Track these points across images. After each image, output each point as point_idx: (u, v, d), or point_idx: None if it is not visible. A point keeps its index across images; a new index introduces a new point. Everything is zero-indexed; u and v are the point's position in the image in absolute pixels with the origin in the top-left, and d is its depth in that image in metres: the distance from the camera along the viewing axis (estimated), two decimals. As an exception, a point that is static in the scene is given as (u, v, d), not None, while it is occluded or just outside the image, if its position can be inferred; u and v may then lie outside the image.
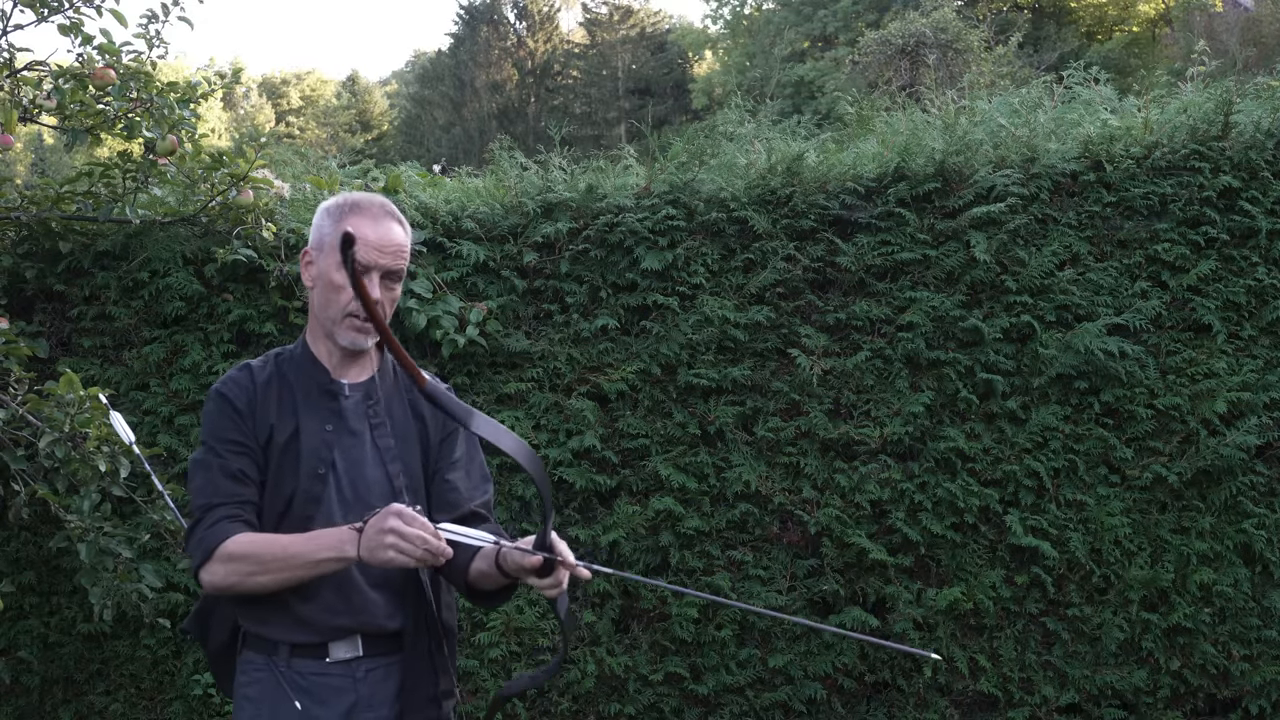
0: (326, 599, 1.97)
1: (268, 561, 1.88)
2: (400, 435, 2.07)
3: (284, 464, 1.99)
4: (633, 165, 4.33)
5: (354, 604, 1.98)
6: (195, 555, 1.94)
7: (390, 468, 2.03)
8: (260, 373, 2.05)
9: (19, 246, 3.96)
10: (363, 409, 2.06)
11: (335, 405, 2.04)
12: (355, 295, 1.83)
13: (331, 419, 2.03)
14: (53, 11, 3.77)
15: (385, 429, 2.06)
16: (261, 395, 2.02)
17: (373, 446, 2.04)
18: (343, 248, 1.74)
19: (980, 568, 3.87)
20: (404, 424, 2.08)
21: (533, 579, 1.83)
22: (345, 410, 2.05)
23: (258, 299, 3.93)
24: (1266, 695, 3.85)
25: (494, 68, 36.75)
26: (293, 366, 2.07)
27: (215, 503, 1.95)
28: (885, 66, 16.49)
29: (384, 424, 2.06)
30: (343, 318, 2.01)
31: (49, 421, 3.36)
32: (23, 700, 3.94)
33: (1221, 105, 3.98)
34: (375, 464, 2.03)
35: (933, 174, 3.96)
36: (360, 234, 1.96)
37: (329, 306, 2.02)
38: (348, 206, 2.03)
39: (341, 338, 2.02)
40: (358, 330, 2.01)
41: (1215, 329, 3.88)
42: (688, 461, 3.91)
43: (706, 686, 3.88)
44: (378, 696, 2.00)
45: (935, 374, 3.91)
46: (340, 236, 1.76)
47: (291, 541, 1.89)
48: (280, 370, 2.06)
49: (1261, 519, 3.83)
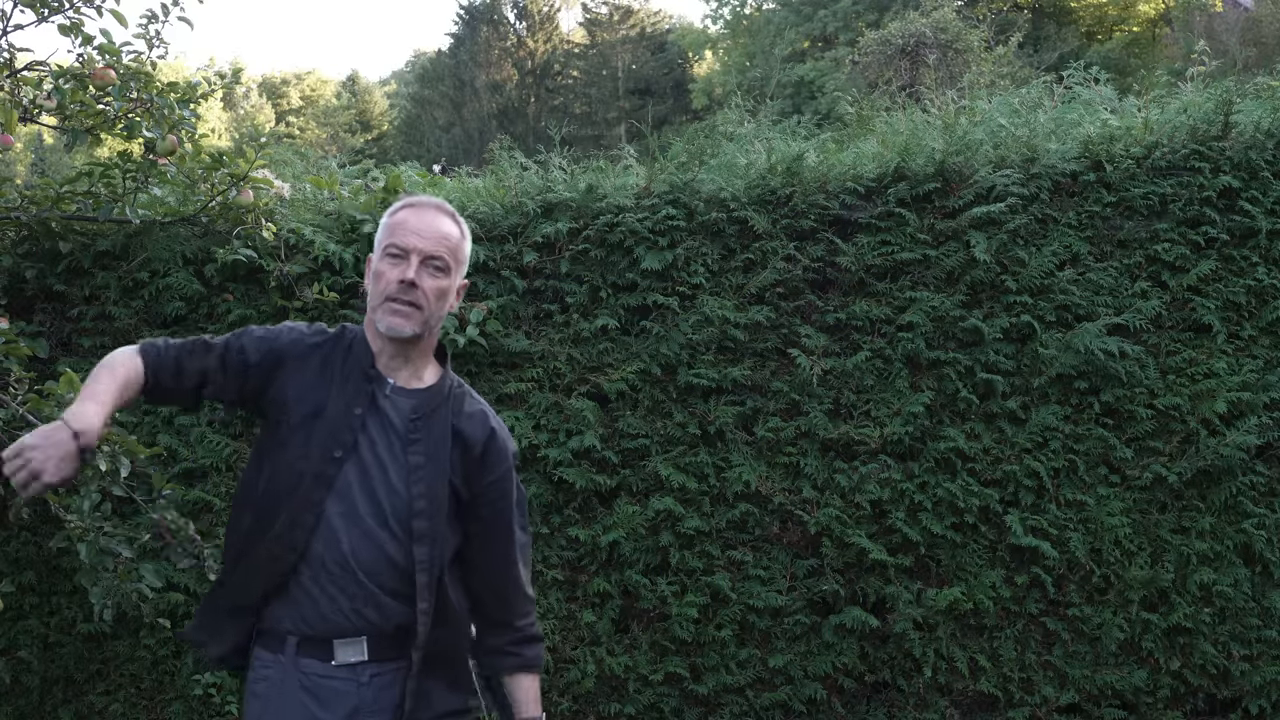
0: (331, 594, 1.96)
1: (92, 376, 1.96)
2: (432, 456, 2.02)
3: (301, 441, 1.98)
4: (633, 165, 4.33)
5: (358, 602, 1.97)
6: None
7: (414, 488, 2.00)
8: (317, 336, 2.09)
9: (19, 246, 3.96)
10: (405, 418, 2.03)
11: (370, 391, 2.02)
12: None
13: (362, 404, 2.01)
14: (53, 11, 3.77)
15: (420, 446, 2.02)
16: (305, 360, 2.05)
17: (403, 457, 2.01)
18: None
19: (980, 568, 3.87)
20: (441, 445, 2.04)
21: None
22: (382, 406, 2.02)
23: (258, 299, 3.93)
24: (1266, 695, 3.85)
25: (494, 68, 36.77)
26: (350, 345, 2.08)
27: (167, 342, 2.05)
28: (885, 66, 16.49)
29: (421, 441, 2.02)
30: (382, 301, 2.01)
31: (49, 421, 3.36)
32: (23, 700, 3.94)
33: (1221, 105, 3.98)
34: (399, 475, 2.00)
35: (933, 174, 3.96)
36: (402, 220, 2.05)
37: (373, 295, 2.05)
38: (401, 204, 2.11)
39: (380, 323, 2.02)
40: (394, 313, 2.00)
41: (1215, 329, 3.88)
42: (688, 461, 3.91)
43: (706, 686, 3.88)
44: (380, 703, 1.99)
45: (935, 374, 3.91)
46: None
47: (88, 386, 1.93)
48: (337, 345, 2.08)
49: (1261, 519, 3.83)
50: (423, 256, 2.01)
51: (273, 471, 2.00)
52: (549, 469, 3.91)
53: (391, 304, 2.00)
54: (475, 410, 2.11)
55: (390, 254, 2.02)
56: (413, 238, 2.02)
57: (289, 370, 2.03)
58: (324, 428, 1.98)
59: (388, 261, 2.02)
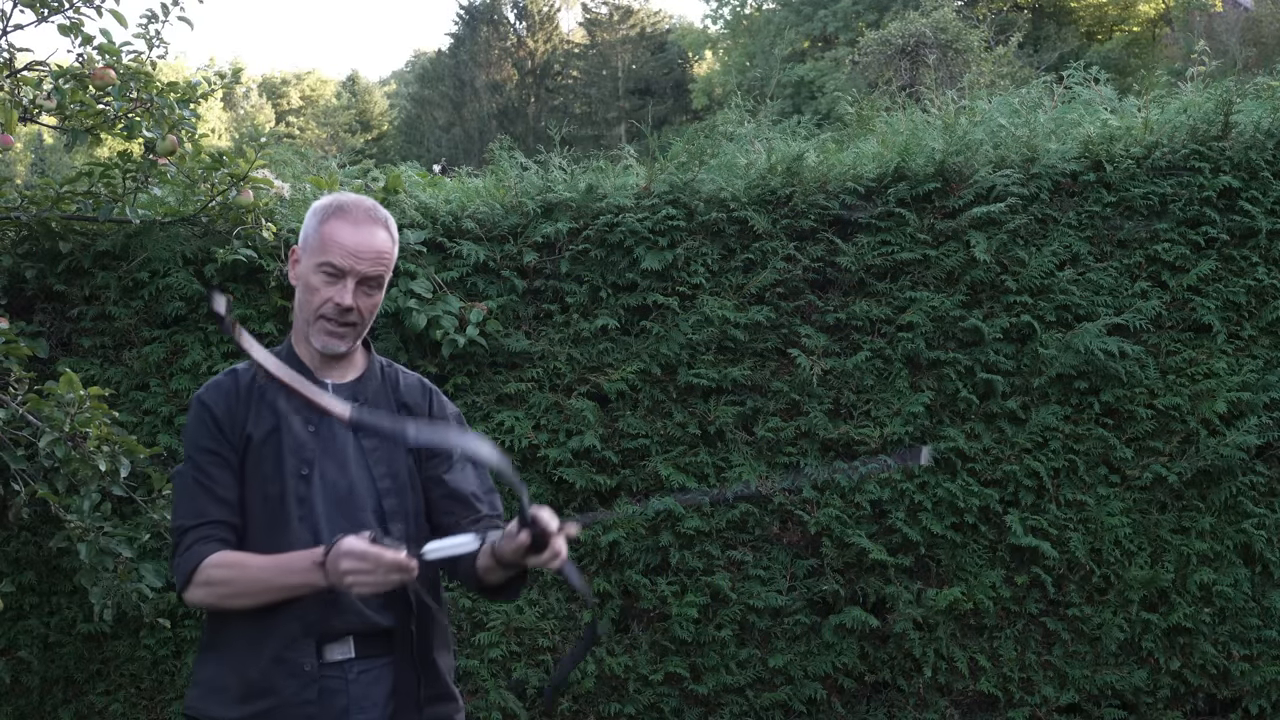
0: (317, 599, 1.96)
1: (242, 586, 1.92)
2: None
3: (267, 465, 1.99)
4: (633, 165, 4.33)
5: (343, 604, 1.97)
6: (178, 579, 1.97)
7: (375, 469, 2.03)
8: (244, 376, 2.06)
9: (19, 246, 3.95)
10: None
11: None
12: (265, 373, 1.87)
13: (314, 419, 2.03)
14: (53, 11, 3.77)
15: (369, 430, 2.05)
16: (245, 399, 2.02)
17: (357, 447, 2.04)
18: (218, 317, 1.78)
19: (980, 568, 3.87)
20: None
21: (531, 558, 1.82)
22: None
23: (258, 299, 3.93)
24: (1266, 695, 3.85)
25: (494, 68, 36.77)
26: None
27: (189, 525, 1.97)
28: (885, 66, 16.50)
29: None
30: (315, 319, 2.02)
31: (49, 421, 3.36)
32: (23, 700, 3.94)
33: (1221, 105, 3.98)
34: (359, 465, 2.03)
35: (933, 174, 3.96)
36: (338, 238, 1.99)
37: (304, 307, 2.03)
38: (332, 208, 2.03)
39: (315, 340, 2.03)
40: (329, 334, 2.02)
41: (1215, 329, 3.88)
42: (688, 461, 3.91)
43: (706, 686, 3.88)
44: (369, 698, 1.99)
45: (935, 374, 3.91)
46: (223, 304, 1.82)
47: (265, 566, 1.91)
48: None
49: (1261, 519, 3.83)
50: (359, 278, 2.00)
51: (255, 500, 2.00)
52: (549, 469, 3.91)
53: (326, 323, 2.01)
54: (411, 381, 2.16)
55: (326, 272, 1.99)
56: (349, 259, 1.98)
57: (237, 421, 2.02)
58: (285, 447, 2.00)
59: (321, 278, 1.99)
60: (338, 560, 1.78)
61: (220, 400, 2.01)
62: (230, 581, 1.92)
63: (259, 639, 1.95)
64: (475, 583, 2.03)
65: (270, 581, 1.90)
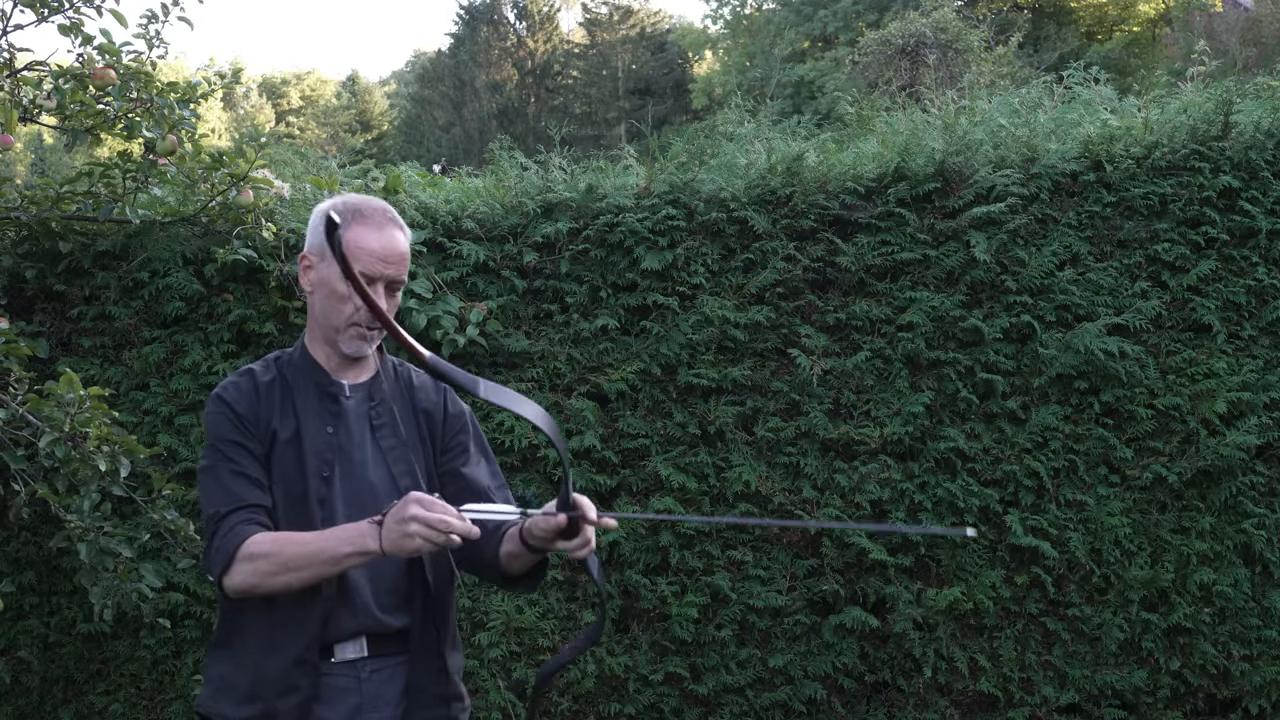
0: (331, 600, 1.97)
1: (289, 559, 1.85)
2: (400, 435, 2.08)
3: (289, 466, 1.99)
4: (633, 165, 4.33)
5: (357, 605, 1.98)
6: (216, 563, 1.91)
7: (394, 468, 2.04)
8: (263, 376, 2.05)
9: (19, 246, 3.96)
10: (364, 410, 2.07)
11: (336, 407, 2.05)
12: (367, 306, 1.78)
13: (332, 421, 2.03)
14: (53, 11, 3.77)
15: (387, 429, 2.07)
16: (265, 398, 2.02)
17: (375, 447, 2.05)
18: (336, 253, 1.69)
19: (980, 568, 3.87)
20: (407, 423, 2.09)
21: (561, 542, 1.83)
22: (346, 411, 2.05)
23: (258, 299, 3.93)
24: (1266, 695, 3.85)
25: (494, 68, 36.78)
26: (293, 370, 2.07)
27: (226, 510, 1.93)
28: (885, 66, 16.50)
29: (386, 425, 2.07)
30: (347, 326, 2.02)
31: (49, 421, 3.36)
32: (23, 700, 3.94)
33: (1221, 105, 3.98)
34: (378, 465, 2.04)
35: (933, 174, 3.96)
36: (366, 246, 1.97)
37: (332, 315, 2.02)
38: (350, 213, 1.99)
39: (346, 346, 2.03)
40: (362, 339, 2.03)
41: (1215, 329, 3.88)
42: (688, 461, 3.91)
43: (706, 686, 3.88)
44: (382, 697, 2.00)
45: (935, 374, 3.91)
46: (329, 232, 1.71)
47: (312, 539, 1.87)
48: (281, 374, 2.06)
49: (1261, 519, 3.83)
50: (388, 283, 2.01)
51: (275, 497, 1.99)
52: (549, 469, 3.91)
53: (358, 329, 2.01)
54: (424, 381, 2.17)
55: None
56: (378, 265, 1.98)
57: (261, 419, 2.01)
58: (306, 450, 2.00)
59: (350, 286, 1.93)
60: (405, 507, 1.75)
61: (241, 398, 2.01)
62: (275, 554, 1.86)
63: (275, 637, 1.94)
64: (496, 571, 2.03)
65: (319, 551, 1.83)
